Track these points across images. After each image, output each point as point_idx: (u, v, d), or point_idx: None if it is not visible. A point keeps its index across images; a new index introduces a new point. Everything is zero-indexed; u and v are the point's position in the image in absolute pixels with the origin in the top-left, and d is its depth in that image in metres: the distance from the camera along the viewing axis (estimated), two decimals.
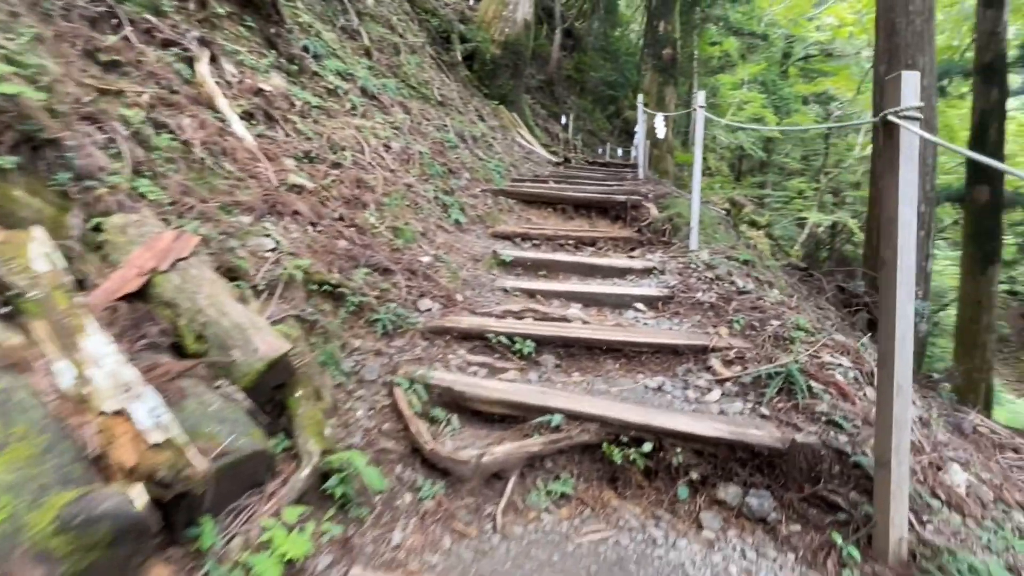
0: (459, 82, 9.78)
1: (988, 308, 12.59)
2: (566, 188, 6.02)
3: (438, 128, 6.60)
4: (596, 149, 16.66)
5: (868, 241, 6.54)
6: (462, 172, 5.74)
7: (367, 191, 3.86)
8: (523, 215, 5.40)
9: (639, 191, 5.74)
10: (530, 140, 10.64)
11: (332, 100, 4.98)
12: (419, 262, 3.30)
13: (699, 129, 4.11)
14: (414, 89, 7.22)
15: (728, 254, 4.03)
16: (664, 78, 11.35)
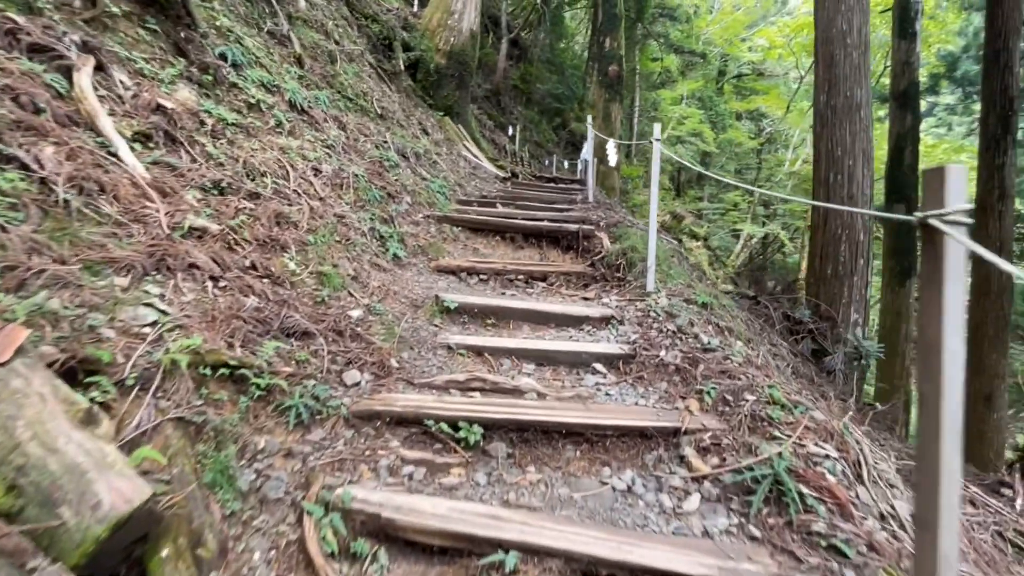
0: (402, 93, 9.23)
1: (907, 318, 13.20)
2: (515, 213, 5.63)
3: (377, 145, 6.06)
4: (543, 161, 16.43)
5: (811, 266, 6.55)
6: (403, 196, 5.24)
7: (288, 228, 3.32)
8: (469, 244, 4.97)
9: (590, 218, 5.43)
10: (477, 154, 10.21)
11: (253, 116, 4.37)
12: (348, 318, 2.80)
13: (655, 164, 3.82)
14: (351, 101, 6.64)
15: (686, 296, 3.75)
16: (610, 94, 11.23)
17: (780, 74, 24.90)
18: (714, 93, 23.88)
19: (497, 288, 4.21)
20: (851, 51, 6.33)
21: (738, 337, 3.47)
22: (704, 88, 23.28)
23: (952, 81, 15.71)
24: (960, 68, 15.38)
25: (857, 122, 6.23)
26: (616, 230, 5.08)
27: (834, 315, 6.10)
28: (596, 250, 4.77)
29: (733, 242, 23.00)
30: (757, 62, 24.67)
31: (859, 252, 6.13)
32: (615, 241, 4.90)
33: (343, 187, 4.52)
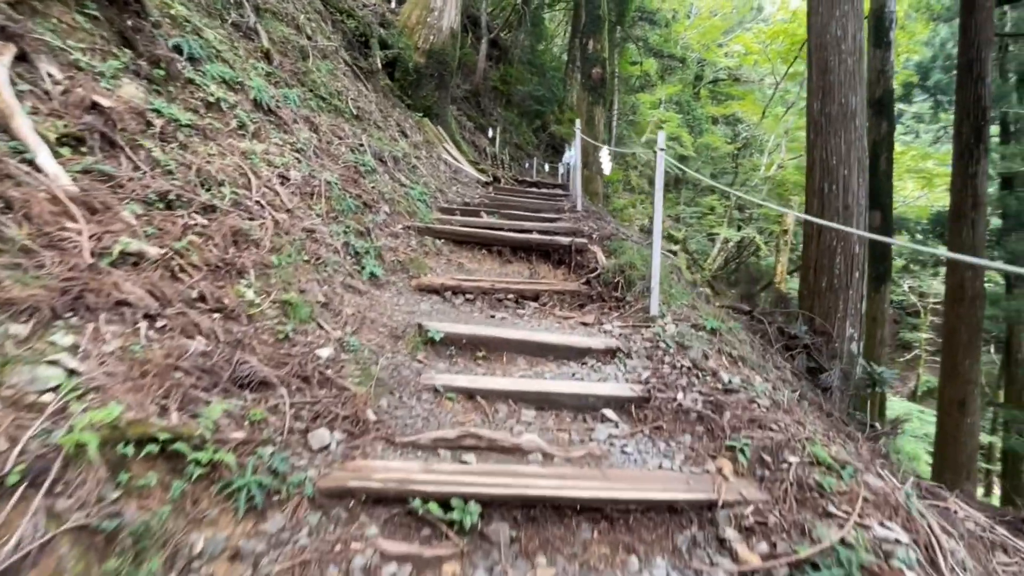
0: (379, 92, 8.71)
1: (882, 323, 13.22)
2: (501, 224, 5.22)
3: (352, 148, 5.57)
4: (523, 164, 16.04)
5: (804, 278, 6.30)
6: (380, 205, 4.77)
7: (248, 248, 2.84)
8: (453, 259, 4.53)
9: (582, 230, 5.05)
10: (457, 157, 9.76)
11: (212, 116, 3.86)
12: (316, 358, 2.35)
13: (659, 175, 3.46)
14: (324, 100, 6.13)
15: (693, 320, 3.39)
16: (593, 97, 10.89)
17: (756, 80, 25.01)
18: (691, 98, 23.85)
19: (485, 309, 3.79)
20: (845, 57, 6.10)
21: (751, 367, 3.13)
22: (682, 93, 23.21)
23: (924, 90, 15.87)
24: (932, 77, 15.53)
25: (852, 130, 5.99)
26: (610, 243, 4.71)
27: (829, 330, 5.86)
28: (590, 266, 4.39)
29: (710, 246, 23.02)
30: (733, 68, 24.73)
31: (854, 265, 5.89)
32: (610, 256, 4.52)
33: (314, 196, 4.04)
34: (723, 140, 23.46)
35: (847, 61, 6.09)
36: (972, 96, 10.75)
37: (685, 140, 21.57)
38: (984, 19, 10.64)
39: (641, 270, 3.99)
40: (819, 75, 6.26)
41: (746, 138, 23.73)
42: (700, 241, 22.97)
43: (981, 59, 10.58)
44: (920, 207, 19.10)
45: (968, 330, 10.37)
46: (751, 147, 24.48)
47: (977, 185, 10.65)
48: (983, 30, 10.56)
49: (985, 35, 10.60)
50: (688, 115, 22.99)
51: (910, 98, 16.45)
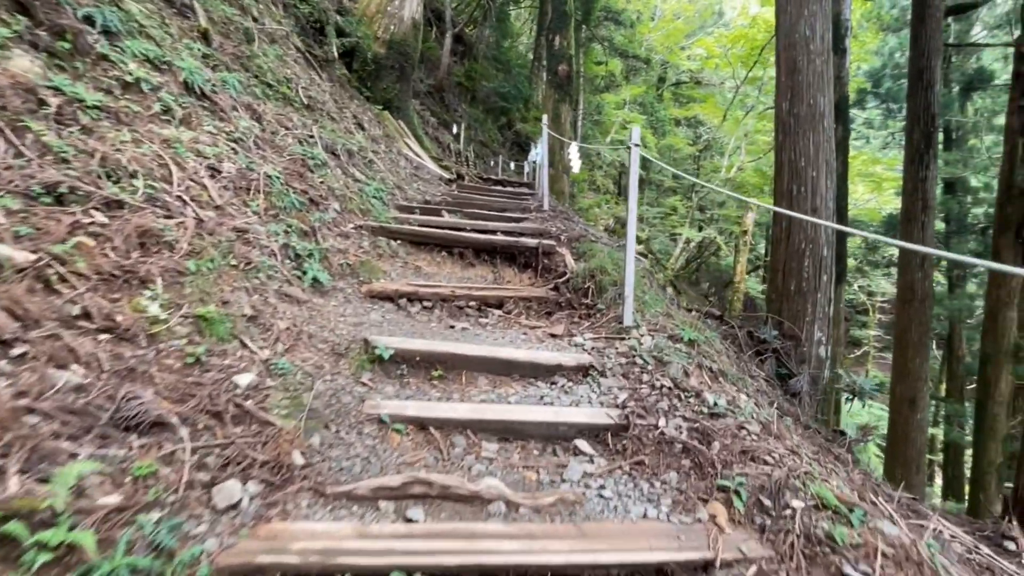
0: (334, 82, 8.17)
1: (837, 323, 13.44)
2: (464, 224, 4.83)
3: (301, 140, 5.07)
4: (488, 162, 15.66)
5: (772, 281, 6.17)
6: (330, 202, 4.31)
7: (158, 251, 2.37)
8: (411, 262, 4.12)
9: (549, 231, 4.72)
10: (419, 152, 9.30)
11: (129, 98, 3.33)
12: (233, 387, 1.92)
13: (634, 173, 3.15)
14: (271, 88, 5.59)
15: (670, 331, 3.10)
16: (560, 95, 10.61)
17: (716, 83, 25.30)
18: (655, 99, 23.95)
19: (444, 318, 3.40)
20: (814, 58, 5.97)
21: (733, 382, 2.86)
22: (645, 94, 23.27)
23: (876, 96, 16.29)
24: (883, 84, 15.95)
25: (820, 132, 5.87)
26: (579, 246, 4.39)
27: (798, 333, 5.72)
28: (558, 270, 4.06)
29: (672, 246, 23.18)
30: (695, 71, 24.96)
31: (822, 268, 5.77)
32: (579, 259, 4.21)
33: (250, 191, 3.56)
34: (686, 142, 23.66)
35: (815, 61, 5.97)
36: (922, 103, 10.94)
37: (649, 141, 21.61)
38: (934, 29, 10.83)
39: (613, 275, 3.68)
40: (788, 75, 6.12)
41: (707, 140, 23.99)
42: (663, 241, 23.11)
43: (931, 67, 10.78)
44: (870, 209, 19.67)
45: (918, 330, 10.56)
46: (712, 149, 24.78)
47: (927, 189, 10.85)
48: (933, 39, 10.75)
49: (935, 44, 10.79)
50: (652, 116, 23.08)
51: (863, 104, 16.88)
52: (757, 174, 22.33)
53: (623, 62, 19.60)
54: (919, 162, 10.86)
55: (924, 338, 11.02)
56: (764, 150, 21.82)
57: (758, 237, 24.66)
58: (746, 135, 22.34)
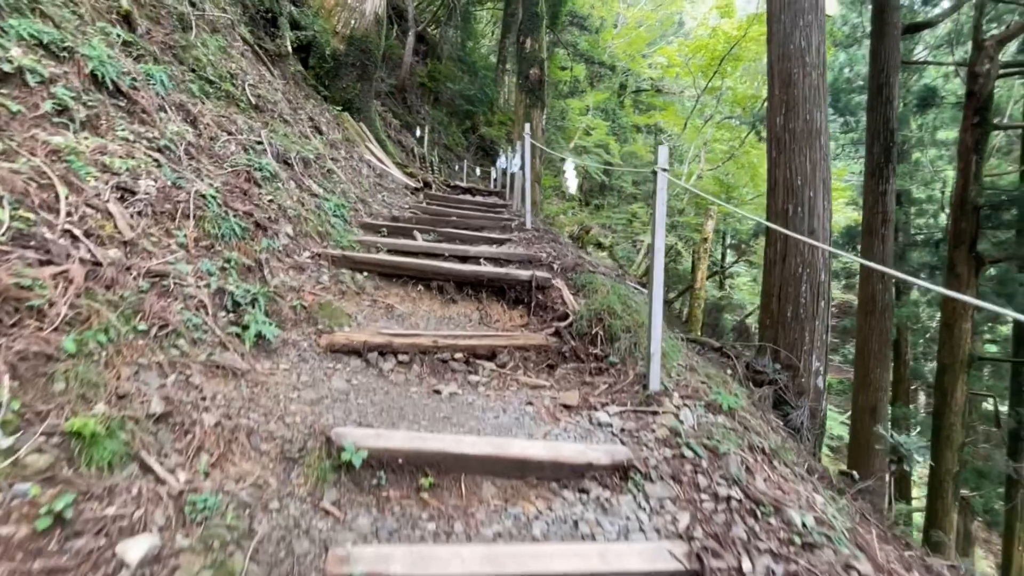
0: (288, 80, 7.26)
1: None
2: (439, 248, 4.11)
3: (247, 147, 4.23)
4: (453, 166, 14.89)
5: (766, 307, 5.76)
6: (280, 225, 3.52)
7: (16, 323, 1.59)
8: (380, 299, 3.38)
9: (539, 257, 4.08)
10: (382, 158, 8.48)
11: (6, 94, 2.48)
12: (115, 569, 1.19)
13: (660, 204, 2.55)
14: (211, 84, 4.71)
15: (704, 396, 2.52)
16: (531, 100, 10.00)
17: (676, 92, 25.37)
18: (617, 106, 23.76)
19: (426, 377, 2.71)
20: (810, 71, 5.58)
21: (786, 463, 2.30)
22: (608, 101, 23.03)
23: (836, 110, 16.50)
24: (843, 99, 16.16)
25: (817, 149, 5.48)
26: (577, 277, 3.77)
27: (796, 363, 5.31)
28: (556, 309, 3.43)
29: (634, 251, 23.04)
30: (656, 79, 24.93)
31: (820, 294, 5.38)
32: (578, 293, 3.58)
33: (176, 217, 2.75)
34: (647, 149, 23.58)
35: (811, 75, 5.58)
36: (882, 118, 10.89)
37: (613, 148, 21.35)
38: (892, 46, 10.81)
39: (624, 318, 3.08)
40: (782, 88, 5.71)
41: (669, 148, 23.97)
42: (625, 248, 22.94)
43: (890, 83, 10.74)
44: None
45: (879, 340, 10.51)
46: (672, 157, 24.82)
47: (887, 203, 10.82)
48: (891, 56, 10.72)
49: (894, 61, 10.78)
50: (614, 123, 22.87)
51: None
52: (716, 183, 22.45)
53: (587, 68, 19.23)
54: (879, 175, 10.81)
55: (884, 348, 11.00)
56: (722, 159, 21.96)
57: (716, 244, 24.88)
58: (705, 144, 22.45)
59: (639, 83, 25.35)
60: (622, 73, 22.97)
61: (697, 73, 22.17)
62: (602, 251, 20.31)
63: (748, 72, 22.77)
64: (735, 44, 20.67)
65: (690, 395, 2.50)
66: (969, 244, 11.73)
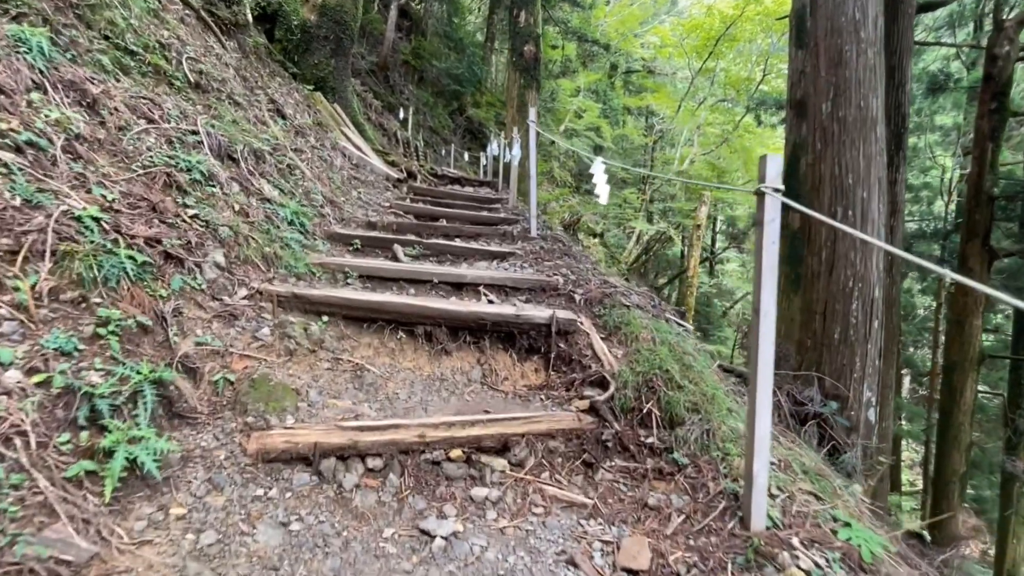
0: (249, 54, 6.09)
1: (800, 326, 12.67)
2: (427, 273, 3.13)
3: (174, 139, 3.17)
4: (439, 151, 13.71)
5: (806, 325, 4.88)
6: (206, 250, 2.51)
7: None
8: (346, 356, 2.40)
9: (555, 284, 3.12)
10: (360, 145, 7.37)
11: None
12: None
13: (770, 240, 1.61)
14: (132, 56, 3.60)
15: (837, 543, 1.63)
16: (526, 79, 8.91)
17: (669, 73, 24.24)
18: (608, 87, 22.59)
19: (407, 500, 1.76)
20: (865, 48, 4.62)
21: None
22: (599, 82, 21.86)
23: None
24: None
25: (873, 142, 4.56)
26: (606, 313, 2.83)
27: (844, 393, 4.48)
28: (583, 362, 2.49)
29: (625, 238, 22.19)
30: (648, 59, 23.77)
31: (873, 312, 4.53)
32: (610, 336, 2.65)
33: (18, 258, 1.74)
34: (639, 132, 22.54)
35: (867, 53, 4.62)
36: (893, 102, 9.95)
37: (605, 131, 20.27)
38: (906, 26, 9.85)
39: (687, 388, 2.16)
40: (830, 68, 4.75)
41: (661, 131, 22.95)
42: (616, 235, 22.06)
43: (902, 66, 9.80)
44: None
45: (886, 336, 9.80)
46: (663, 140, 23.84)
47: (897, 192, 9.94)
48: (905, 37, 9.77)
49: (907, 42, 9.84)
50: (606, 105, 21.74)
51: None
52: (708, 167, 21.56)
53: (579, 47, 18.01)
54: (889, 164, 9.93)
55: (892, 344, 10.25)
56: (715, 142, 21.02)
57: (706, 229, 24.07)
58: (698, 127, 21.47)
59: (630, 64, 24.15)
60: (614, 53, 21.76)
61: (691, 54, 21.05)
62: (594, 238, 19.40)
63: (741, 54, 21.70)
64: (731, 23, 19.56)
65: (811, 535, 1.60)
66: (983, 236, 11.01)
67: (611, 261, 19.59)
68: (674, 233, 21.87)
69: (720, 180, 21.62)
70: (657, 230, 21.81)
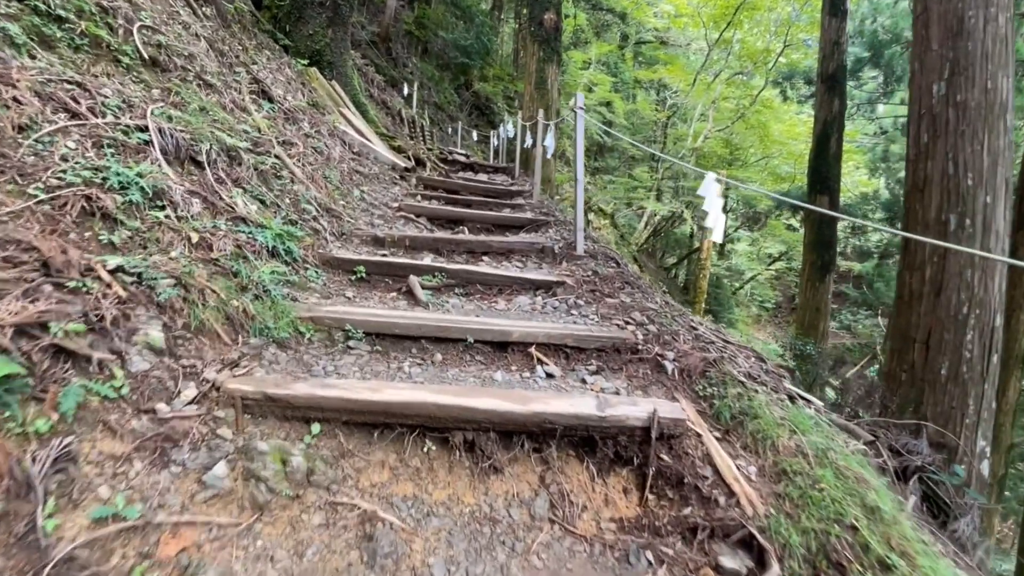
0: (230, 23, 5.04)
1: (825, 315, 11.79)
2: (456, 326, 2.24)
3: (100, 143, 2.25)
4: (445, 129, 12.60)
5: (899, 354, 4.00)
6: (136, 323, 1.61)
7: None
8: (347, 497, 1.54)
9: (629, 340, 2.23)
10: (361, 128, 6.36)
11: None
12: None
13: None
14: (59, 24, 2.63)
15: None
16: (545, 52, 7.80)
17: (683, 44, 22.74)
18: (619, 59, 21.17)
19: None
20: (996, 14, 3.60)
21: None
22: (610, 54, 20.44)
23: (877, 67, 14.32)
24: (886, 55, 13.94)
25: (1002, 133, 3.59)
26: (716, 394, 1.95)
27: (953, 441, 3.64)
28: (704, 492, 1.63)
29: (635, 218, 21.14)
30: (661, 29, 22.24)
31: (993, 345, 3.64)
32: (727, 434, 1.78)
33: None
34: (652, 107, 21.21)
35: (997, 20, 3.60)
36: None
37: (617, 106, 19.01)
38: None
39: (895, 564, 1.29)
40: (944, 39, 3.73)
41: (674, 105, 21.60)
42: (627, 215, 21.00)
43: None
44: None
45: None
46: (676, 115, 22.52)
47: None
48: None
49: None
50: (616, 78, 20.38)
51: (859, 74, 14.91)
52: (723, 144, 20.34)
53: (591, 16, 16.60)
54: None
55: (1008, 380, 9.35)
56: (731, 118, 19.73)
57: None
58: (713, 102, 20.14)
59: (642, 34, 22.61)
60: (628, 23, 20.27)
61: (709, 23, 19.54)
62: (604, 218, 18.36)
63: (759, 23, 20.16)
64: None
65: None
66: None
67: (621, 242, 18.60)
68: (688, 213, 20.81)
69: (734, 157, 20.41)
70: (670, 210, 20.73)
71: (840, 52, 11.45)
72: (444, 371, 2.05)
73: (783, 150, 19.23)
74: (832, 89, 11.45)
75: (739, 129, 19.78)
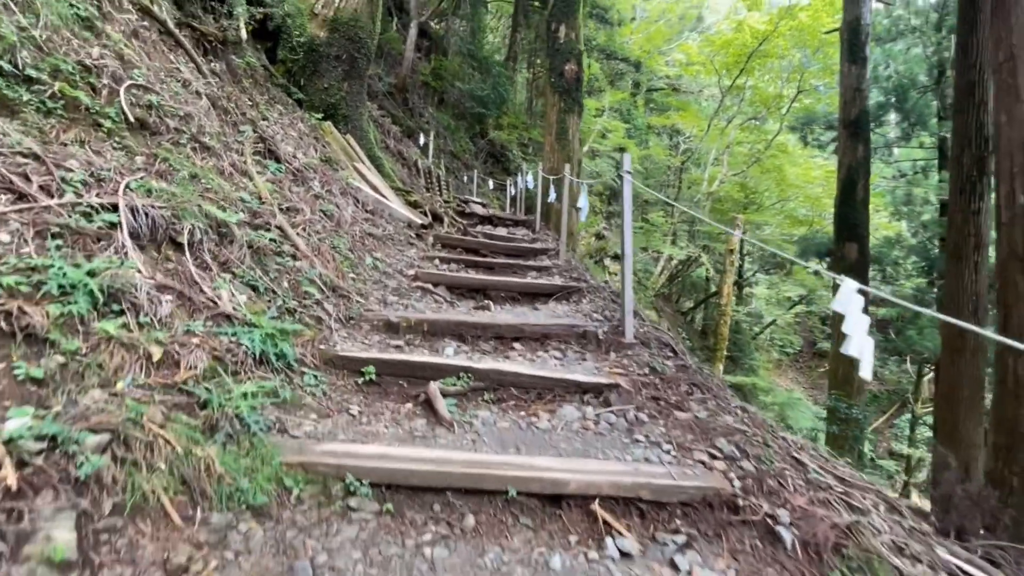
0: (240, 78, 4.75)
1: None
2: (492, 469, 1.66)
3: (44, 232, 1.77)
4: (461, 177, 12.35)
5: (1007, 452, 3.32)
6: (37, 522, 1.10)
7: None
8: None
9: (731, 497, 1.63)
10: (377, 184, 5.98)
11: None
12: None
13: None
14: (25, 84, 2.24)
15: None
16: (567, 103, 7.52)
17: (695, 91, 22.80)
18: (631, 106, 21.19)
19: None
20: None
21: None
22: (623, 101, 20.48)
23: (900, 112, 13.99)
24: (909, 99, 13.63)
25: None
26: None
27: None
28: None
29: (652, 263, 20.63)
30: (673, 77, 22.36)
31: None
32: None
33: None
34: (666, 153, 21.07)
35: None
36: (975, 123, 8.33)
37: (632, 152, 18.85)
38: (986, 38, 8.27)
39: None
40: None
41: (688, 150, 21.46)
42: (643, 259, 20.51)
43: (984, 82, 8.19)
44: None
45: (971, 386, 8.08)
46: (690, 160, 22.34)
47: (980, 223, 8.29)
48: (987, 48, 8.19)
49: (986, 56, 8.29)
50: (631, 125, 20.34)
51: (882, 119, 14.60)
52: (737, 187, 20.01)
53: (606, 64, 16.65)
54: (970, 191, 8.30)
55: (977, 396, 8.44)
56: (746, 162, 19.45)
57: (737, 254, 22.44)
58: (728, 147, 19.93)
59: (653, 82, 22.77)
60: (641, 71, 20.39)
61: (721, 71, 19.56)
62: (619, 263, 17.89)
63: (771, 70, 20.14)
64: (765, 39, 18.08)
65: None
66: None
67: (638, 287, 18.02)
68: (706, 259, 20.30)
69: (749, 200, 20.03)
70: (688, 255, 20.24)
71: (862, 98, 11.15)
72: (479, 549, 1.46)
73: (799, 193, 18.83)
74: (855, 135, 11.09)
75: (754, 173, 19.47)
